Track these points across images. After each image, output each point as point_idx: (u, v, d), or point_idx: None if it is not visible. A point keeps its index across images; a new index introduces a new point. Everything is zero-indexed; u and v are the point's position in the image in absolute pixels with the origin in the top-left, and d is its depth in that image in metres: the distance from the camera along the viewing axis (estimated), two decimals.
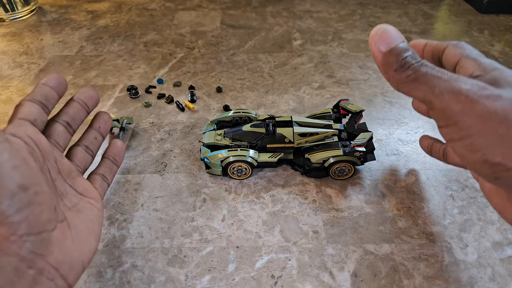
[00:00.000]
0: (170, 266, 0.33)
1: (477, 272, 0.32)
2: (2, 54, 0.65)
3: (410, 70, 0.21)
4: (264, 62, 0.62)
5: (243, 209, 0.38)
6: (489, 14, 0.77)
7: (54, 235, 0.21)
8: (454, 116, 0.20)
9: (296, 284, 0.31)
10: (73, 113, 0.28)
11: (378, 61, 0.22)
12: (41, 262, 0.20)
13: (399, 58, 0.21)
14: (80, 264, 0.23)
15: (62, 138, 0.27)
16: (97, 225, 0.26)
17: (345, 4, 0.82)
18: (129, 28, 0.73)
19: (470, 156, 0.20)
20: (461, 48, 0.25)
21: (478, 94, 0.19)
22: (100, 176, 0.30)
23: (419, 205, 0.38)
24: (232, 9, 0.80)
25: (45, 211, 0.20)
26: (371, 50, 0.23)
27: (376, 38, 0.22)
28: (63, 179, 0.25)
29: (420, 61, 0.21)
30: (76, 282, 0.22)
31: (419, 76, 0.20)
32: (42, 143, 0.23)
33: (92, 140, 0.30)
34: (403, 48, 0.21)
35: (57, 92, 0.26)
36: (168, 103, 0.53)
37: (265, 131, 0.41)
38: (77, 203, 0.25)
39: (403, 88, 0.22)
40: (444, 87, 0.20)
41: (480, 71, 0.21)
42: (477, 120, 0.19)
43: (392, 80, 0.22)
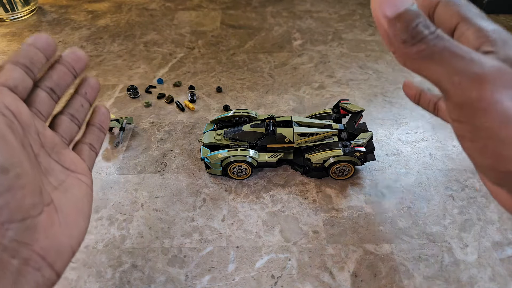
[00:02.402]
0: (170, 266, 0.33)
1: (477, 272, 0.32)
2: (2, 54, 0.65)
3: (423, 44, 0.17)
4: (264, 62, 0.62)
5: (243, 209, 0.38)
6: (489, 14, 0.77)
7: (40, 220, 0.19)
8: (472, 113, 0.17)
9: (296, 284, 0.31)
10: (58, 78, 0.25)
11: (382, 29, 0.18)
12: (26, 251, 0.18)
13: (410, 26, 0.17)
14: (68, 249, 0.21)
15: (45, 106, 0.24)
16: (86, 204, 0.23)
17: (345, 4, 0.82)
18: (129, 28, 0.73)
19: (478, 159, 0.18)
20: (457, 6, 0.20)
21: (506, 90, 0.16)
22: (88, 145, 0.27)
23: (419, 205, 0.38)
24: (232, 9, 0.80)
25: (28, 195, 0.19)
26: (374, 15, 0.18)
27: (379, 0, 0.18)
28: (47, 154, 0.23)
29: (435, 31, 0.17)
30: (64, 269, 0.21)
31: (435, 53, 0.17)
32: (22, 114, 0.20)
33: (78, 108, 0.27)
34: (414, 13, 0.17)
35: (44, 55, 0.23)
36: (168, 103, 0.53)
37: (265, 131, 0.41)
38: (64, 180, 0.23)
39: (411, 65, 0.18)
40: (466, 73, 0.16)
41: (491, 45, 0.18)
42: (498, 123, 0.16)
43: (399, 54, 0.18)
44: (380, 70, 0.59)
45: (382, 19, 0.17)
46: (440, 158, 0.43)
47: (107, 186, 0.40)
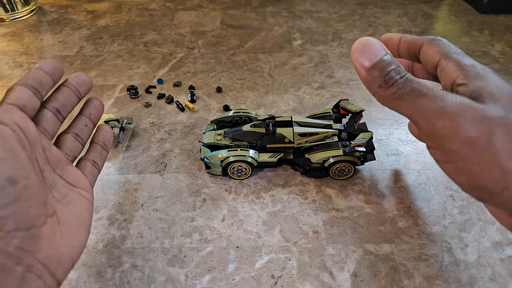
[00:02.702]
0: (170, 266, 0.33)
1: (477, 272, 0.32)
2: (2, 54, 0.65)
3: (394, 87, 0.20)
4: (264, 62, 0.62)
5: (243, 209, 0.38)
6: (489, 14, 0.77)
7: (43, 230, 0.20)
8: (440, 140, 0.19)
9: (296, 284, 0.31)
10: (63, 99, 0.27)
11: (362, 77, 0.22)
12: (30, 258, 0.19)
13: (383, 73, 0.20)
14: (69, 259, 0.22)
15: (51, 125, 0.26)
16: (87, 217, 0.25)
17: (345, 4, 0.82)
18: (129, 28, 0.73)
19: (456, 179, 0.20)
20: (439, 45, 0.23)
21: (464, 117, 0.19)
22: (91, 162, 0.29)
23: (419, 205, 0.38)
24: (232, 9, 0.80)
25: (34, 205, 0.20)
26: (354, 65, 0.22)
27: (358, 53, 0.21)
28: (52, 169, 0.24)
29: (405, 76, 0.20)
30: (65, 278, 0.22)
31: (404, 94, 0.20)
32: (30, 131, 0.22)
33: (82, 128, 0.29)
34: (387, 62, 0.21)
35: (52, 78, 0.25)
36: (168, 103, 0.53)
37: (265, 131, 0.41)
38: (67, 194, 0.24)
39: (389, 105, 0.21)
40: (430, 108, 0.19)
41: (464, 78, 0.21)
42: (462, 146, 0.19)
43: (377, 96, 0.21)
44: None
45: (361, 69, 0.21)
46: None
47: (107, 186, 0.40)
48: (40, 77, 0.24)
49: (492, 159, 0.18)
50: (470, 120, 0.18)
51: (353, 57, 0.22)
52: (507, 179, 0.18)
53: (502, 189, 0.18)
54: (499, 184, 0.18)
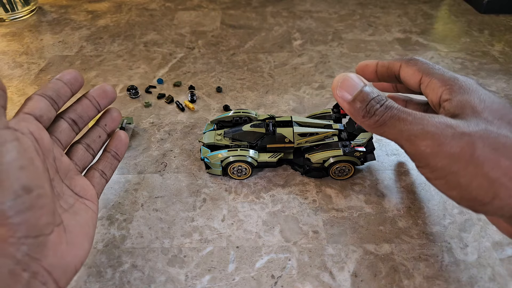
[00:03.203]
0: (170, 266, 0.33)
1: (477, 272, 0.32)
2: (2, 54, 0.65)
3: (376, 116, 0.21)
4: (264, 62, 0.62)
5: (243, 209, 0.38)
6: (489, 14, 0.77)
7: (50, 239, 0.21)
8: (425, 159, 0.20)
9: (296, 284, 0.31)
10: (81, 110, 0.27)
11: (346, 110, 0.23)
12: (36, 265, 0.20)
13: (364, 104, 0.21)
14: (72, 268, 0.22)
15: (65, 135, 0.26)
16: (92, 228, 0.25)
17: (345, 4, 0.82)
18: (129, 28, 0.73)
19: (448, 193, 0.21)
20: (417, 64, 0.24)
21: (444, 135, 0.19)
22: (99, 172, 0.29)
23: (419, 205, 0.38)
24: (232, 9, 0.80)
25: (45, 214, 0.20)
26: (337, 100, 0.23)
27: (338, 89, 0.22)
28: (60, 179, 0.24)
29: (384, 104, 0.21)
30: (67, 285, 0.22)
31: (386, 121, 0.21)
32: (44, 140, 0.23)
33: (95, 139, 0.29)
34: (366, 92, 0.22)
35: (70, 89, 0.26)
36: (168, 103, 0.53)
37: (265, 131, 0.41)
38: (73, 205, 0.25)
39: (375, 132, 0.22)
40: (411, 131, 0.20)
41: (448, 93, 0.22)
42: (447, 161, 0.19)
43: (363, 125, 0.22)
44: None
45: (343, 103, 0.22)
46: None
47: (107, 186, 0.40)
48: (58, 88, 0.25)
49: (478, 170, 0.19)
50: (451, 137, 0.19)
51: (334, 93, 0.23)
52: (494, 188, 0.18)
53: (492, 198, 0.19)
54: (488, 194, 0.19)
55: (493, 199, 0.19)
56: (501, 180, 0.18)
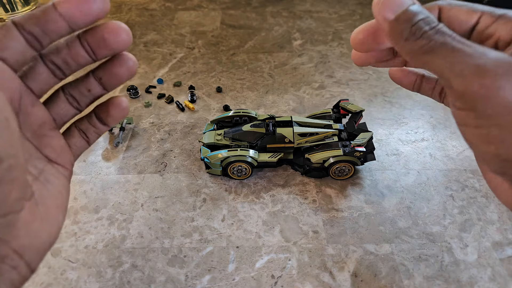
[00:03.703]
0: (170, 266, 0.33)
1: (477, 272, 0.32)
2: None
3: (423, 39, 0.17)
4: (264, 62, 0.62)
5: (243, 209, 0.38)
6: None
7: (21, 216, 0.17)
8: (474, 101, 0.17)
9: (296, 284, 0.31)
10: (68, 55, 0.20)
11: (386, 31, 0.19)
12: (4, 248, 0.16)
13: (409, 25, 0.18)
14: (46, 246, 0.19)
15: (41, 82, 0.20)
16: (65, 197, 0.20)
17: (345, 4, 0.82)
18: (129, 28, 0.73)
19: (482, 147, 0.18)
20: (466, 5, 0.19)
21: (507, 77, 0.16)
22: (80, 132, 0.23)
23: (419, 205, 0.38)
24: (232, 9, 0.80)
25: (15, 189, 0.16)
26: (376, 19, 0.19)
27: (380, 5, 0.19)
28: (25, 137, 0.20)
29: (436, 27, 0.18)
30: (38, 265, 0.20)
31: (435, 47, 0.17)
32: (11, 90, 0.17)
33: (83, 91, 0.22)
34: (414, 11, 0.18)
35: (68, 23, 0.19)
36: (168, 103, 0.53)
37: (265, 131, 0.41)
38: (43, 169, 0.20)
39: (415, 61, 0.18)
40: (466, 64, 0.17)
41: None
42: (501, 110, 0.16)
43: (404, 51, 0.19)
44: (380, 70, 0.59)
45: (383, 22, 0.18)
46: (440, 158, 0.43)
47: (107, 186, 0.40)
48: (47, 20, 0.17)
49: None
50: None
51: (375, 10, 0.19)
52: None
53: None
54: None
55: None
56: None
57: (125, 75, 0.20)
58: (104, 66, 0.21)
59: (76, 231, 0.36)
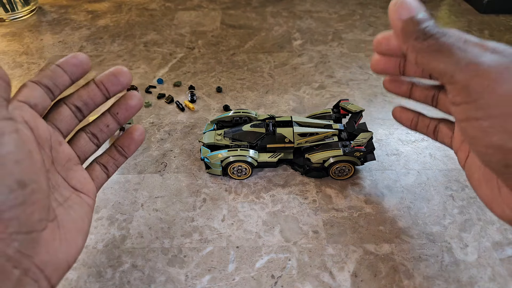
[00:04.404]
0: (170, 266, 0.33)
1: (477, 272, 0.32)
2: (2, 54, 0.65)
3: (432, 39, 0.19)
4: (264, 62, 0.62)
5: (243, 209, 0.38)
6: (489, 14, 0.77)
7: (43, 235, 0.20)
8: (476, 93, 0.18)
9: (296, 284, 0.31)
10: (88, 97, 0.25)
11: (398, 28, 0.21)
12: (27, 262, 0.19)
13: (421, 26, 0.20)
14: (65, 265, 0.22)
15: (66, 124, 0.24)
16: (87, 223, 0.24)
17: (345, 4, 0.82)
18: (129, 28, 0.73)
19: (484, 139, 0.18)
20: None
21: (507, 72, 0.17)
22: (101, 166, 0.27)
23: (419, 205, 0.38)
24: (232, 9, 0.80)
25: (37, 210, 0.19)
26: (390, 18, 0.21)
27: (397, 6, 0.21)
28: (56, 170, 0.23)
29: (443, 31, 0.19)
30: (59, 282, 0.21)
31: (443, 46, 0.19)
32: (39, 130, 0.21)
33: (102, 128, 0.26)
34: (425, 17, 0.20)
35: (70, 77, 0.23)
36: (168, 103, 0.53)
37: (265, 131, 0.41)
38: (68, 198, 0.23)
39: (423, 59, 0.20)
40: (471, 60, 0.18)
41: None
42: (502, 100, 0.17)
43: (412, 49, 0.20)
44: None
45: (397, 21, 0.21)
46: (440, 158, 0.43)
47: (107, 186, 0.40)
48: (56, 76, 0.23)
49: None
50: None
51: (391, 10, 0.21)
52: None
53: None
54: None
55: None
56: None
57: (137, 105, 0.26)
58: (119, 102, 0.26)
59: None
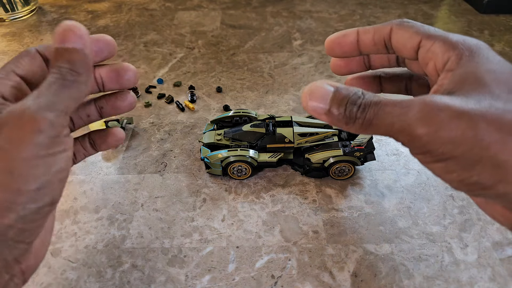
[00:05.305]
0: (170, 266, 0.33)
1: (477, 272, 0.32)
2: (2, 54, 0.65)
3: (359, 119, 0.19)
4: (264, 62, 0.62)
5: (243, 209, 0.38)
6: (489, 14, 0.77)
7: (35, 243, 0.21)
8: (423, 147, 0.18)
9: (296, 284, 0.31)
10: None
11: (326, 121, 0.20)
12: (16, 268, 0.20)
13: (342, 111, 0.19)
14: (38, 266, 0.22)
15: None
16: (53, 220, 0.24)
17: (345, 4, 0.82)
18: (129, 28, 0.73)
19: (446, 177, 0.19)
20: (413, 27, 0.21)
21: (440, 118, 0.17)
22: None
23: (419, 205, 0.38)
24: (232, 9, 0.80)
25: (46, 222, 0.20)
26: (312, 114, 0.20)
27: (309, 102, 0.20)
28: None
29: (362, 103, 0.19)
30: None
31: (371, 120, 0.19)
32: None
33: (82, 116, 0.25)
34: (339, 97, 0.19)
35: None
36: (168, 103, 0.53)
37: (265, 131, 0.41)
38: None
39: (366, 133, 0.20)
40: (401, 122, 0.18)
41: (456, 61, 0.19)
42: (449, 146, 0.18)
43: (352, 131, 0.20)
44: None
45: (321, 116, 0.20)
46: None
47: (107, 186, 0.40)
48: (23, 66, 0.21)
49: (483, 153, 0.17)
50: (449, 119, 0.17)
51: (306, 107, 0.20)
52: (501, 172, 0.17)
53: (497, 182, 0.17)
54: (492, 178, 0.17)
55: (498, 184, 0.17)
56: (509, 163, 0.16)
57: (125, 109, 0.25)
58: (108, 98, 0.25)
59: (76, 231, 0.36)
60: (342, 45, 0.24)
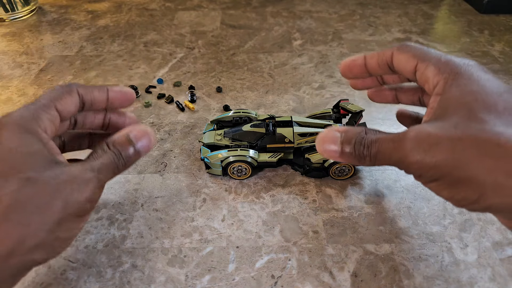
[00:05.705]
0: (170, 266, 0.33)
1: (477, 272, 0.32)
2: (2, 54, 0.65)
3: (367, 157, 0.22)
4: (264, 62, 0.62)
5: (243, 209, 0.38)
6: (489, 14, 0.77)
7: None
8: (416, 172, 0.22)
9: (296, 284, 0.31)
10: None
11: (343, 161, 0.24)
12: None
13: (352, 149, 0.23)
14: None
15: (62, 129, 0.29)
16: None
17: (345, 4, 0.82)
18: (129, 28, 0.73)
19: (441, 194, 0.23)
20: (410, 50, 0.24)
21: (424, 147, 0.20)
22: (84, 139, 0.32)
23: (419, 205, 0.38)
24: (232, 9, 0.80)
25: None
26: (330, 157, 0.24)
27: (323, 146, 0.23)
28: None
29: (365, 143, 0.22)
30: None
31: (376, 157, 0.22)
32: None
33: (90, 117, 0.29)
34: (347, 137, 0.23)
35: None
36: (168, 103, 0.53)
37: (265, 131, 0.41)
38: None
39: (377, 165, 0.24)
40: (396, 156, 0.22)
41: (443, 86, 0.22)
42: (435, 170, 0.20)
43: (365, 166, 0.25)
44: None
45: (335, 156, 0.24)
46: None
47: (107, 186, 0.40)
48: None
49: (462, 173, 0.19)
50: (431, 147, 0.20)
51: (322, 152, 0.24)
52: (480, 188, 0.19)
53: (478, 197, 0.19)
54: (474, 193, 0.20)
55: (480, 198, 0.19)
56: (486, 179, 0.19)
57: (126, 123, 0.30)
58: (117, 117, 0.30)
59: None
60: (352, 69, 0.28)
